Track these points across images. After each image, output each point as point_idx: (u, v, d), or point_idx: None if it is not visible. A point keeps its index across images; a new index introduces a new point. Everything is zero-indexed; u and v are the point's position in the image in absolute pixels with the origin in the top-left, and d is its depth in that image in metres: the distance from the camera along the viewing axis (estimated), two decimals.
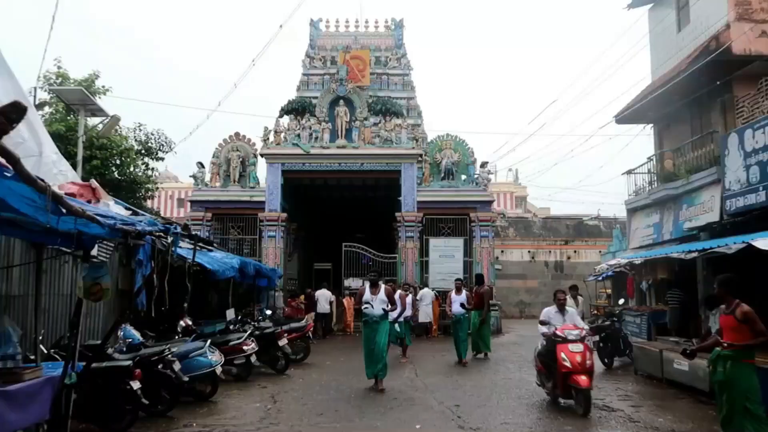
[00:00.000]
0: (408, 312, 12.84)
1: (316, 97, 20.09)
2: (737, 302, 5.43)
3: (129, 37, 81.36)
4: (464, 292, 12.15)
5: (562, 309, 8.03)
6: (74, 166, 10.25)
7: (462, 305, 12.00)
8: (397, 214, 19.28)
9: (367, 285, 9.10)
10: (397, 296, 9.65)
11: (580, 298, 11.93)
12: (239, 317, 11.55)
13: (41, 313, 6.85)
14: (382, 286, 9.07)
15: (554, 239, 28.08)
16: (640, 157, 16.12)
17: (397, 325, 9.90)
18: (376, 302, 8.89)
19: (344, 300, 18.20)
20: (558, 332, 7.69)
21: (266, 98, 59.18)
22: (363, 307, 9.03)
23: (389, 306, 8.95)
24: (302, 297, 19.21)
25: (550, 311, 8.10)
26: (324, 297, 18.18)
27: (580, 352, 7.43)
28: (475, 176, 19.57)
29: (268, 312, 14.49)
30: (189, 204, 19.81)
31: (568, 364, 7.35)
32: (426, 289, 17.34)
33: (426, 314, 16.77)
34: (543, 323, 7.99)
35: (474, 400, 8.17)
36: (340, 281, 19.96)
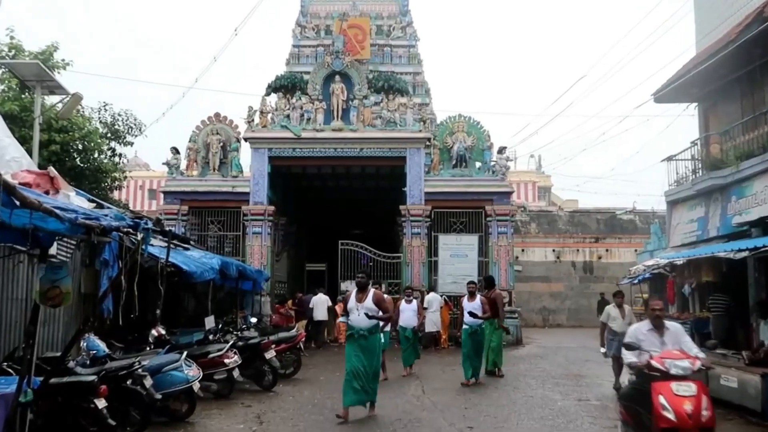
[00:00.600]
0: (413, 321, 12.77)
1: (308, 73, 20.10)
2: None
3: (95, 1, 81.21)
4: (479, 297, 11.98)
5: (659, 327, 6.17)
6: (29, 152, 10.23)
7: (471, 314, 11.69)
8: (401, 207, 19.31)
9: (354, 290, 8.50)
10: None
11: (626, 307, 11.31)
12: (220, 326, 11.57)
13: None
14: (371, 291, 8.40)
15: (583, 236, 28.10)
16: (683, 142, 16.09)
17: (382, 335, 9.02)
18: (360, 310, 8.18)
19: (336, 307, 18.22)
20: (655, 363, 5.74)
21: (251, 74, 59.19)
22: (341, 317, 8.80)
23: (380, 314, 8.25)
24: (291, 302, 19.29)
25: (640, 329, 6.25)
26: (321, 303, 18.25)
27: (692, 396, 5.46)
28: (492, 163, 19.58)
29: (253, 320, 14.53)
30: (162, 195, 19.91)
31: (670, 415, 5.39)
32: (433, 294, 17.33)
33: (433, 323, 16.75)
34: (629, 347, 6.09)
35: (490, 421, 8.15)
36: (336, 284, 20.04)
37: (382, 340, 9.24)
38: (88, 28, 79.20)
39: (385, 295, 9.19)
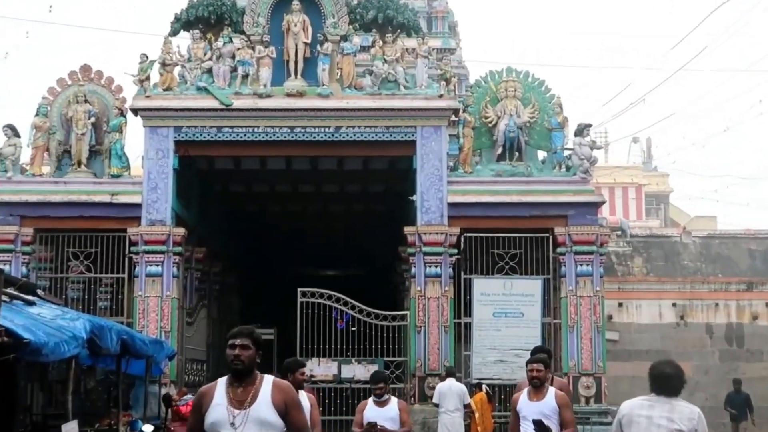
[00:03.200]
0: None
1: None
2: None
3: None
4: (551, 391, 11.51)
5: None
6: None
7: (539, 424, 11.33)
8: (406, 230, 19.40)
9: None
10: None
11: None
12: None
13: None
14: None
15: (726, 280, 27.90)
16: None
17: None
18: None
19: (305, 395, 17.94)
20: None
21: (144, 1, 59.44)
22: None
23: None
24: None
25: None
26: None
27: None
28: (566, 153, 19.72)
29: (148, 429, 14.63)
30: None
31: None
32: (450, 382, 16.80)
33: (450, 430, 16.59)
34: None
35: None
36: (293, 363, 19.90)
37: None
38: None
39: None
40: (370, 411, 10.02)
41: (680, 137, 75.68)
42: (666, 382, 6.93)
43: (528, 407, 10.63)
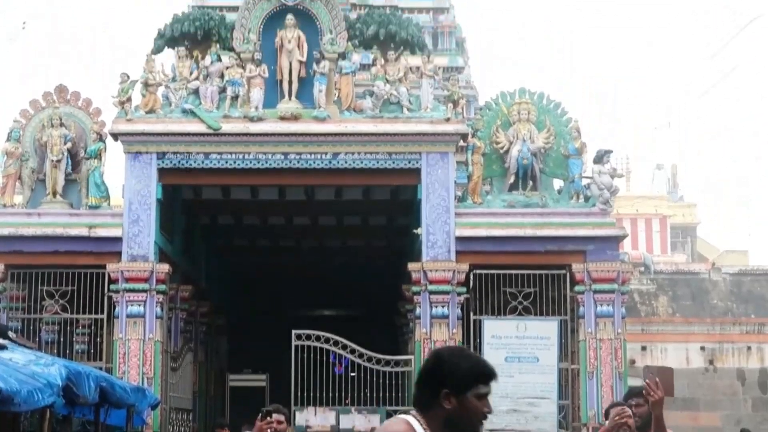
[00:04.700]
0: None
1: (233, 9, 20.22)
2: None
3: None
4: None
5: None
6: None
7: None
8: (410, 266, 19.20)
9: None
10: None
11: None
12: None
13: None
14: None
15: (760, 321, 27.89)
16: None
17: None
18: None
19: None
20: None
21: (126, 16, 59.78)
22: None
23: None
24: None
25: None
26: None
27: None
28: (585, 182, 19.47)
29: None
30: None
31: None
32: None
33: None
34: None
35: None
36: (288, 414, 19.65)
37: None
38: None
39: None
40: None
41: (708, 164, 75.90)
42: None
43: None
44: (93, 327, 19.50)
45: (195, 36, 19.84)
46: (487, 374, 4.08)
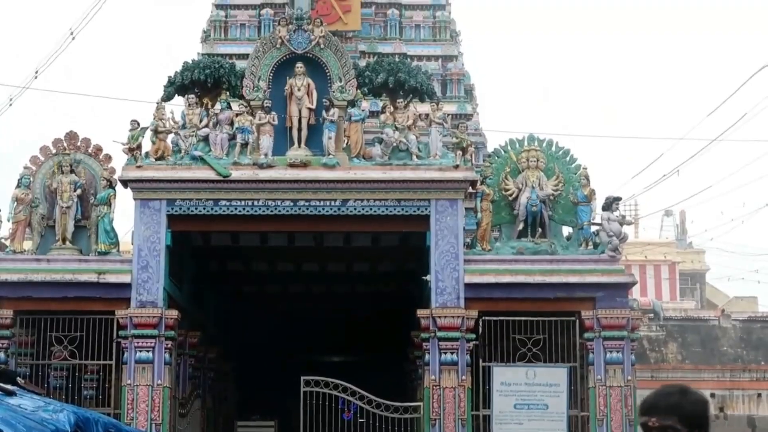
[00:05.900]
0: None
1: (242, 56, 20.37)
2: None
3: None
4: None
5: None
6: None
7: None
8: (419, 313, 19.14)
9: None
10: None
11: None
12: None
13: None
14: None
15: None
16: None
17: None
18: None
19: None
20: None
21: (136, 61, 60.13)
22: None
23: None
24: None
25: None
26: None
27: None
28: (594, 229, 19.54)
29: None
30: None
31: None
32: None
33: None
34: None
35: None
36: None
37: None
38: None
39: None
40: None
41: (717, 211, 75.50)
42: None
43: None
44: (101, 373, 19.46)
45: (205, 83, 20.04)
46: None
